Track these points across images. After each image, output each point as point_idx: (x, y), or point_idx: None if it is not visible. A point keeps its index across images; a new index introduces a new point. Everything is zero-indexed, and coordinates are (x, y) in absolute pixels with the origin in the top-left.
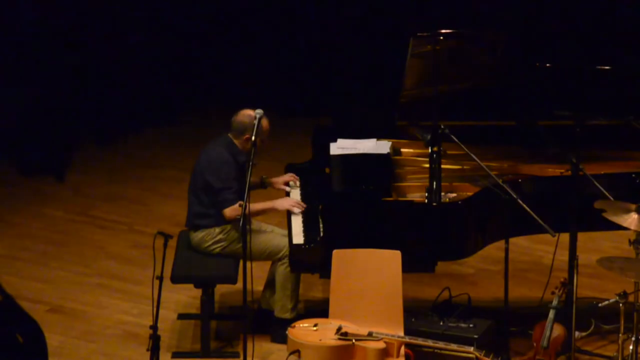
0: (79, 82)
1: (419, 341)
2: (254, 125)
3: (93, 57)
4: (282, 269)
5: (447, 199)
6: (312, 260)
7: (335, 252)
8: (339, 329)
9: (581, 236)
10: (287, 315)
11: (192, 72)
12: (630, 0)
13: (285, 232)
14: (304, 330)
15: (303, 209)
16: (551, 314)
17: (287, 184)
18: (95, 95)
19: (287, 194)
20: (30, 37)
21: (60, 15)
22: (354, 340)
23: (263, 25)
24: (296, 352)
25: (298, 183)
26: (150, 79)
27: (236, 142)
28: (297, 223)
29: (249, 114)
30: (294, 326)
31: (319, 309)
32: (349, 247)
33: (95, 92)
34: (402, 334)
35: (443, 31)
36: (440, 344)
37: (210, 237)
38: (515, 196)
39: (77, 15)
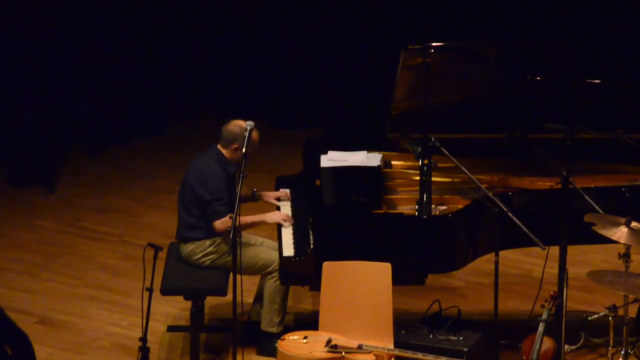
0: (70, 93)
1: (409, 354)
2: (244, 136)
3: (84, 68)
4: (271, 282)
5: (438, 212)
6: (302, 272)
7: (325, 264)
8: (329, 341)
9: (571, 249)
10: (274, 330)
11: (183, 83)
12: (622, 12)
13: (276, 245)
14: (294, 343)
15: (292, 223)
16: (541, 327)
17: (278, 199)
18: (85, 106)
19: (278, 208)
20: (21, 47)
21: (51, 25)
22: (343, 353)
23: (254, 37)
24: None
25: (289, 197)
26: (141, 90)
27: (224, 152)
28: (287, 235)
29: (240, 125)
30: (284, 338)
31: (309, 321)
32: (339, 260)
33: (85, 103)
34: (391, 346)
35: (434, 44)
36: (430, 357)
37: (200, 250)
38: (505, 209)
39: (68, 24)
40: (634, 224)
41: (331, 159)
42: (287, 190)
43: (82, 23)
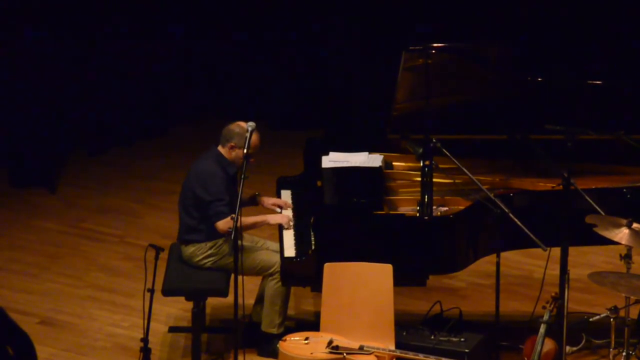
0: (71, 94)
1: (410, 355)
2: (245, 137)
3: (84, 69)
4: (272, 284)
5: (439, 213)
6: (303, 273)
7: (326, 265)
8: (330, 342)
9: (572, 251)
10: (274, 331)
11: (184, 84)
12: (621, 16)
13: (277, 247)
14: (295, 344)
15: (292, 226)
16: (542, 328)
17: (279, 207)
18: (86, 107)
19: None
20: (23, 48)
21: (53, 27)
22: (345, 354)
23: (255, 38)
24: None
25: (289, 207)
26: (142, 91)
27: (223, 151)
28: (288, 236)
29: (240, 125)
30: (285, 340)
31: (310, 322)
32: (340, 261)
33: (87, 104)
34: (393, 347)
35: (435, 45)
36: (432, 358)
37: (201, 252)
38: (506, 210)
39: (70, 25)
40: (635, 225)
41: (332, 160)
42: (288, 200)
43: (81, 23)
